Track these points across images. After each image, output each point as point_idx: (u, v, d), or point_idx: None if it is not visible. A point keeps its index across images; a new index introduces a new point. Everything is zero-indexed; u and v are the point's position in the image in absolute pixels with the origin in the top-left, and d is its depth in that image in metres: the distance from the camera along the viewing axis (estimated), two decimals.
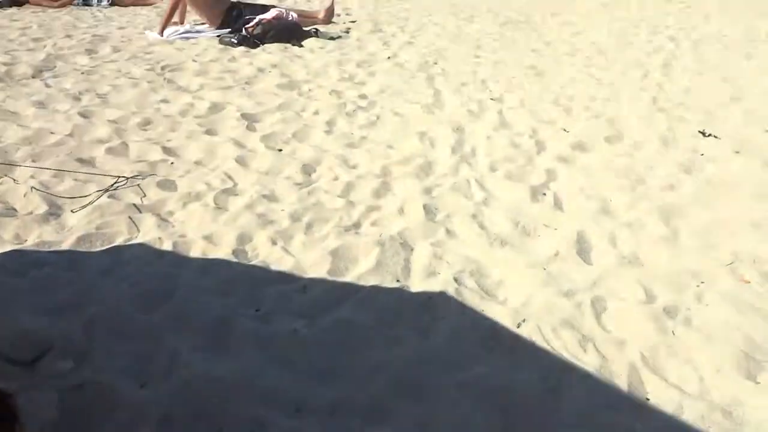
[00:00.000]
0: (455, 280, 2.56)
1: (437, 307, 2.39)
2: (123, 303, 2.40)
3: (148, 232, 2.94)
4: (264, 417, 1.85)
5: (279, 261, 2.70)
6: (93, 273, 2.64)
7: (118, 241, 2.90)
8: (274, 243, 2.84)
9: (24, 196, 3.20)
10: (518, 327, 2.28)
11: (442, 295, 2.45)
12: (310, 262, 2.69)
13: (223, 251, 2.78)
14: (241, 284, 2.55)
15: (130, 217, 3.04)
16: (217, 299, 2.43)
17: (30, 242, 2.87)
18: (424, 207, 3.17)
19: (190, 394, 1.93)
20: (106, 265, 2.71)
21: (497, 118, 4.56)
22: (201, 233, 2.92)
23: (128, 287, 2.51)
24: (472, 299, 2.43)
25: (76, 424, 1.75)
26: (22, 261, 2.82)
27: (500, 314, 2.35)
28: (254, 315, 2.35)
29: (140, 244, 2.86)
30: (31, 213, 3.07)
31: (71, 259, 2.81)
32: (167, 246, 2.84)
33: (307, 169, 3.65)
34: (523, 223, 3.06)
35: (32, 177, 3.40)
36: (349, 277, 2.59)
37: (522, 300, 2.45)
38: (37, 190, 3.24)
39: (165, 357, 2.11)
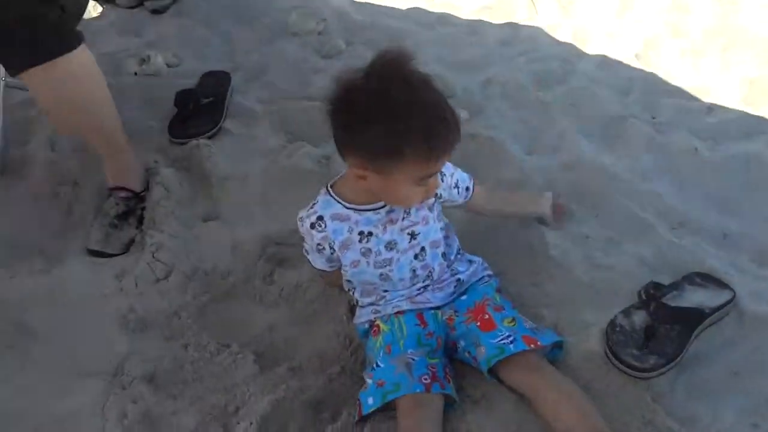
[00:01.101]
0: None
1: None
2: (518, 74, 2.39)
3: (548, 17, 2.85)
4: (646, 220, 1.75)
5: (684, 76, 2.44)
6: (492, 41, 2.66)
7: (517, 18, 2.87)
8: (682, 56, 2.55)
9: None
10: None
11: None
12: (720, 85, 2.38)
13: (623, 52, 2.59)
14: (639, 88, 2.36)
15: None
16: (612, 95, 2.30)
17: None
18: None
19: (574, 174, 1.89)
20: (505, 37, 2.71)
21: None
22: (603, 29, 2.73)
23: (524, 62, 2.49)
24: None
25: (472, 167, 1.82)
26: (429, 17, 2.96)
27: None
28: (649, 121, 2.18)
29: (538, 27, 2.80)
30: None
31: (472, 25, 2.87)
32: (565, 33, 2.73)
33: None
34: None
35: None
36: (765, 112, 2.25)
37: None
38: None
39: (554, 135, 2.08)
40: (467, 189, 1.48)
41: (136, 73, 2.46)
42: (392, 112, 1.12)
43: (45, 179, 1.95)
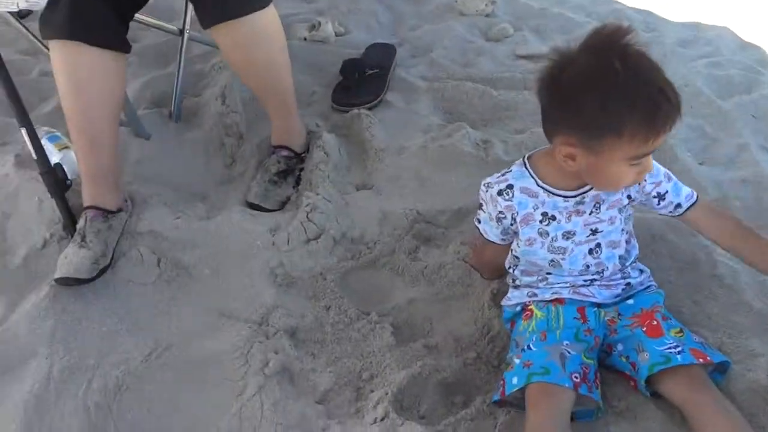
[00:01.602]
0: None
1: None
2: (697, 78, 2.24)
3: (735, 16, 2.65)
4: None
5: None
6: (671, 41, 2.51)
7: (700, 16, 2.69)
8: None
9: None
10: None
11: None
12: None
13: None
14: None
15: None
16: None
17: None
18: None
19: (751, 190, 1.75)
20: (686, 36, 2.55)
21: None
22: None
23: (704, 66, 2.33)
24: None
25: None
26: (603, 9, 2.84)
27: None
28: None
29: (725, 28, 2.61)
30: None
31: (650, 22, 2.73)
32: (754, 38, 2.53)
33: None
34: None
35: None
36: None
37: None
38: None
39: (732, 146, 1.93)
40: (678, 206, 1.35)
41: (305, 38, 2.53)
42: (613, 86, 1.07)
43: (214, 130, 2.05)
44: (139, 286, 1.61)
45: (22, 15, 2.16)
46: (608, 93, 1.08)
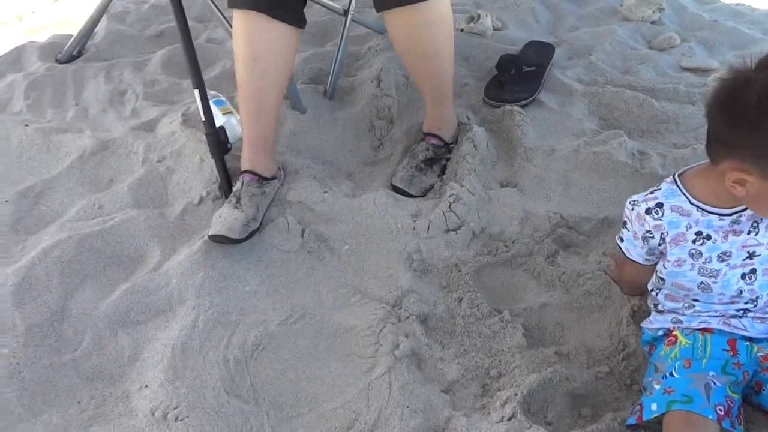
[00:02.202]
0: None
1: None
2: None
3: None
4: None
5: None
6: None
7: None
8: None
9: None
10: None
11: None
12: None
13: None
14: None
15: None
16: None
17: None
18: None
19: None
20: None
21: None
22: None
23: None
24: None
25: None
26: None
27: None
28: None
29: None
30: None
31: None
32: None
33: None
34: None
35: None
36: None
37: None
38: None
39: None
40: None
41: (462, 30, 2.53)
42: None
43: (365, 111, 2.10)
44: (282, 252, 1.68)
45: None
46: None
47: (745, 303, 1.27)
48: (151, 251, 1.70)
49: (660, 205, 1.26)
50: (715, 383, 1.17)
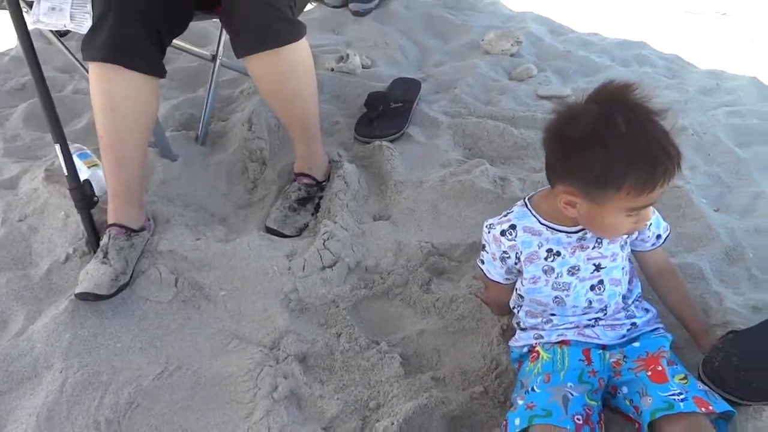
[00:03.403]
0: None
1: None
2: (716, 127, 2.25)
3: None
4: None
5: None
6: (693, 88, 2.53)
7: (723, 65, 2.71)
8: None
9: None
10: None
11: None
12: None
13: None
14: None
15: None
16: None
17: None
18: None
19: (759, 235, 1.75)
20: (707, 84, 2.57)
21: None
22: None
23: (725, 115, 2.34)
24: None
25: None
26: (627, 54, 2.87)
27: None
28: None
29: (749, 77, 2.62)
30: None
31: (673, 68, 2.76)
32: None
33: None
34: None
35: None
36: None
37: None
38: None
39: (748, 195, 1.93)
40: (658, 237, 1.42)
41: (332, 69, 2.59)
42: (616, 140, 1.12)
43: (238, 154, 2.10)
44: (155, 304, 1.64)
45: (61, 34, 2.24)
46: (610, 149, 1.12)
47: (596, 312, 1.36)
48: (14, 316, 1.63)
49: (513, 227, 1.34)
50: (572, 394, 1.24)
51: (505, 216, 1.37)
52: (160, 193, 1.92)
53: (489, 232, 1.38)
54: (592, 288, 1.34)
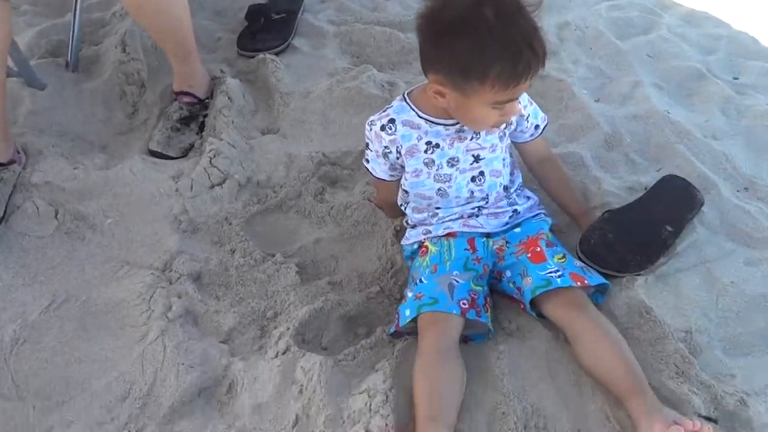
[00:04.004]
0: None
1: None
2: (598, 21, 2.30)
3: None
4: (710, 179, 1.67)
5: None
6: None
7: None
8: None
9: None
10: None
11: None
12: None
13: (713, 8, 2.46)
14: (724, 47, 2.25)
15: None
16: (694, 52, 2.20)
17: None
18: None
19: (641, 125, 1.82)
20: None
21: None
22: None
23: (606, 9, 2.39)
24: None
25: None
26: None
27: None
28: (730, 81, 2.08)
29: None
30: None
31: None
32: None
33: None
34: None
35: None
36: None
37: None
38: None
39: (626, 84, 2.00)
40: (536, 127, 1.45)
41: None
42: (483, 31, 1.11)
43: (114, 78, 1.99)
44: (36, 239, 1.57)
45: None
46: (477, 39, 1.12)
47: (478, 202, 1.39)
48: None
49: (392, 121, 1.34)
50: (457, 281, 1.28)
51: (384, 111, 1.36)
52: (30, 125, 1.80)
53: (371, 129, 1.37)
54: (473, 179, 1.36)
